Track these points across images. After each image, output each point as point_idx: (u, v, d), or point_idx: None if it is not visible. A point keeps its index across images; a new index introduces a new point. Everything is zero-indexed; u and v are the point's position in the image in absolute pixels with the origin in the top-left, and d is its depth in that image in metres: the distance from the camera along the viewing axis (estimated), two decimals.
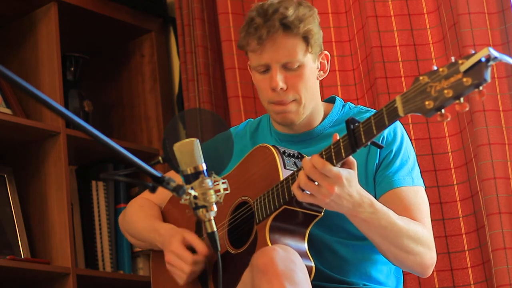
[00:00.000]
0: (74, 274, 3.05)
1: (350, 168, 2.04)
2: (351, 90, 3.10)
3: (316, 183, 2.01)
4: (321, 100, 2.43)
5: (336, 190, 2.00)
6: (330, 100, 2.47)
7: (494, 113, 2.75)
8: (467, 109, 1.72)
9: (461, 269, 2.82)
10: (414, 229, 2.18)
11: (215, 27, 3.39)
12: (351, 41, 3.13)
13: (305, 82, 2.30)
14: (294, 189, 2.06)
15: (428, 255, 2.21)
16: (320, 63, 2.36)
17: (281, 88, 2.27)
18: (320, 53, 2.36)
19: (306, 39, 2.29)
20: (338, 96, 3.02)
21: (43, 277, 3.06)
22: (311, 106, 2.34)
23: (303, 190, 2.05)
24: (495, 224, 2.67)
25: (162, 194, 2.46)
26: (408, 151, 2.34)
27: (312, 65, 2.32)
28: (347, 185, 2.02)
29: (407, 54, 2.98)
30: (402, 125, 2.41)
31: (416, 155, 2.85)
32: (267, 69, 2.30)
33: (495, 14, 2.83)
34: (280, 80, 2.27)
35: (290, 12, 2.26)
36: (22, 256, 3.07)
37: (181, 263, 2.28)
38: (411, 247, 2.17)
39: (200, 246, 2.28)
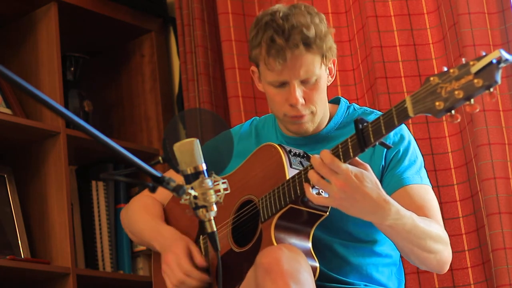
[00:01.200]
0: (74, 274, 3.05)
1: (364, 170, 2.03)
2: (351, 90, 3.10)
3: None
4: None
5: (345, 186, 1.99)
6: (335, 101, 2.46)
7: (494, 113, 2.75)
8: (477, 110, 1.73)
9: (461, 269, 2.82)
10: (434, 228, 2.18)
11: (215, 27, 3.39)
12: (351, 41, 3.13)
13: (320, 93, 2.30)
14: (308, 194, 2.06)
15: (446, 252, 2.22)
16: (328, 68, 2.35)
17: (301, 104, 2.27)
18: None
19: (324, 54, 2.28)
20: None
21: (43, 277, 3.06)
22: (322, 113, 2.35)
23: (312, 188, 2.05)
24: (495, 224, 2.67)
25: (165, 191, 2.45)
26: (416, 151, 2.34)
27: (325, 75, 2.32)
28: (358, 183, 1.99)
29: (407, 54, 2.97)
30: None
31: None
32: (283, 83, 2.28)
33: (495, 14, 2.82)
34: (299, 97, 2.26)
35: (312, 32, 2.23)
36: (22, 256, 3.07)
37: (177, 269, 2.27)
38: (433, 247, 2.17)
39: (199, 259, 2.28)
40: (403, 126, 2.35)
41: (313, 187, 2.06)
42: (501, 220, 2.67)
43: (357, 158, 2.02)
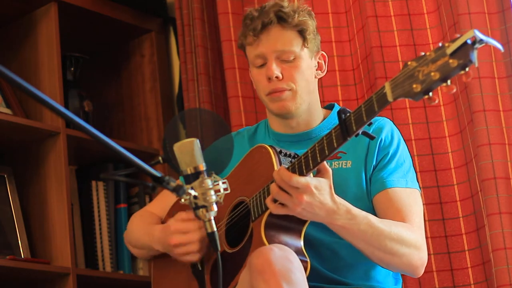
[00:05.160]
0: (74, 274, 3.05)
1: (324, 177, 2.08)
2: (351, 90, 3.10)
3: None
4: (321, 107, 2.48)
5: (306, 198, 2.04)
6: (329, 107, 2.51)
7: (494, 113, 2.75)
8: (454, 90, 1.75)
9: (461, 269, 2.82)
10: (397, 231, 2.19)
11: (215, 27, 3.39)
12: (351, 41, 3.13)
13: (301, 73, 2.35)
14: (268, 201, 2.11)
15: (415, 256, 2.22)
16: (318, 62, 2.42)
17: (276, 77, 2.32)
18: (317, 52, 2.42)
19: (301, 32, 2.35)
20: (338, 96, 3.03)
21: (43, 277, 3.06)
22: (307, 100, 2.37)
23: (275, 202, 2.09)
24: (495, 224, 2.67)
25: (163, 207, 2.48)
26: (404, 155, 2.37)
27: (309, 61, 2.38)
28: (317, 194, 2.05)
29: (407, 54, 2.97)
30: (402, 125, 2.42)
31: (416, 155, 2.87)
32: (264, 62, 2.35)
33: (495, 14, 2.83)
34: (275, 70, 2.33)
35: (285, 4, 2.35)
36: (22, 256, 3.07)
37: (188, 236, 2.26)
38: (395, 249, 2.18)
39: (186, 215, 2.28)
40: (394, 127, 2.37)
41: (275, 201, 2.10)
42: (501, 220, 2.67)
43: (324, 163, 2.06)
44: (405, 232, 2.20)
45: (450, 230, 2.85)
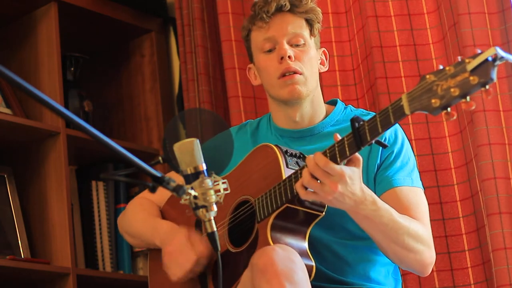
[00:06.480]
0: (74, 274, 3.05)
1: (355, 166, 2.04)
2: (351, 90, 3.10)
3: (319, 181, 2.01)
4: (324, 102, 2.47)
5: (339, 188, 2.00)
6: (332, 103, 2.49)
7: (494, 113, 2.75)
8: (473, 107, 1.74)
9: (461, 269, 2.83)
10: (415, 227, 2.19)
11: (215, 27, 3.39)
12: (351, 41, 3.13)
13: (310, 59, 2.36)
14: (298, 187, 2.06)
15: (427, 253, 2.23)
16: (320, 58, 2.44)
17: (289, 56, 2.33)
18: (319, 47, 2.44)
19: (309, 21, 2.38)
20: (338, 96, 3.03)
21: (43, 277, 3.06)
22: (313, 88, 2.37)
23: (306, 188, 2.05)
24: (495, 224, 2.67)
25: (162, 194, 2.46)
26: (409, 153, 2.36)
27: (315, 51, 2.40)
28: (350, 183, 2.02)
29: (407, 54, 2.98)
30: (402, 125, 2.42)
31: (416, 155, 2.87)
32: (273, 47, 2.36)
33: (495, 14, 2.83)
34: (288, 49, 2.34)
35: None
36: (22, 256, 3.07)
37: (183, 259, 2.27)
38: (411, 245, 2.18)
39: (201, 247, 2.27)
40: (397, 126, 2.37)
41: (306, 188, 2.07)
42: (502, 220, 2.67)
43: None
44: (421, 229, 2.21)
45: (450, 230, 2.85)
